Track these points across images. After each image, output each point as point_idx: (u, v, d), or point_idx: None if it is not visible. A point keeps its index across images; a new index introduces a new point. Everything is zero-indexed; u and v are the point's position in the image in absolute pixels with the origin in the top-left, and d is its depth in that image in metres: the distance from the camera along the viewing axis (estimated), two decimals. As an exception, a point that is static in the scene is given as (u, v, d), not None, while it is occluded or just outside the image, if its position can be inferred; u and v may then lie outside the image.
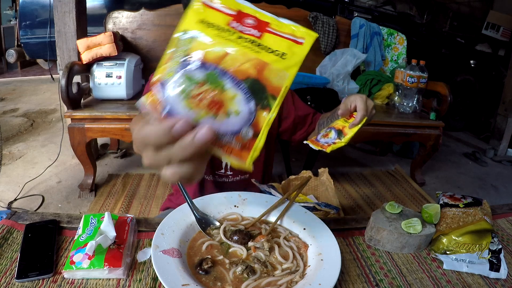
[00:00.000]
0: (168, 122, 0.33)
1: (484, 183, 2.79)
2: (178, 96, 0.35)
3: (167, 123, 0.33)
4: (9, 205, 1.92)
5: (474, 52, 4.12)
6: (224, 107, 0.35)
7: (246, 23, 0.39)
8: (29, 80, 4.70)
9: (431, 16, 4.12)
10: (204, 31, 0.37)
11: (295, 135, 1.12)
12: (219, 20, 0.38)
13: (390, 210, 0.79)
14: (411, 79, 2.35)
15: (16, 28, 4.27)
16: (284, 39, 0.38)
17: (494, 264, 0.71)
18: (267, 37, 0.38)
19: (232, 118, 0.35)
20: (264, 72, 0.36)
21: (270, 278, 0.60)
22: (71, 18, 2.01)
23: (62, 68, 1.99)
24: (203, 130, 0.33)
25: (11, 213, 0.75)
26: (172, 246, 0.62)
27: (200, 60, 0.36)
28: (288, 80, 0.37)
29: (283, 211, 0.77)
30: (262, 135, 0.36)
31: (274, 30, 0.39)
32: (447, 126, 2.85)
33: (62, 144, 2.36)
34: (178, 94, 0.35)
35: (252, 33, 0.38)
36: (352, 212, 2.13)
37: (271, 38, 0.38)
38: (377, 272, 0.68)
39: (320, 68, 2.58)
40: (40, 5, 3.64)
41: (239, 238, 0.67)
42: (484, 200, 0.82)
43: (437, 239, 0.75)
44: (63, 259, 0.64)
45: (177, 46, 0.37)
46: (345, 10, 3.46)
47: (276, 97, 0.36)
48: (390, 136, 2.31)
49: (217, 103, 0.35)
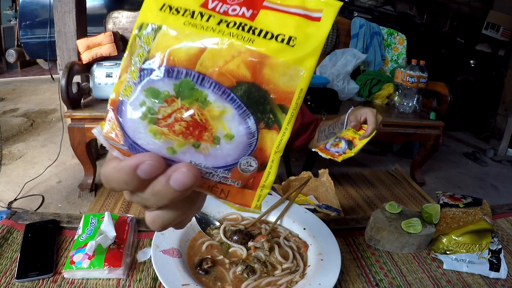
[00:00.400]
0: (130, 162, 0.24)
1: (484, 183, 2.79)
2: (140, 121, 0.25)
3: (128, 163, 0.24)
4: (9, 205, 1.92)
5: (474, 52, 4.12)
6: (208, 131, 0.25)
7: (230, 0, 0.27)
8: (29, 80, 4.70)
9: (431, 16, 4.12)
10: (167, 21, 0.26)
11: (296, 141, 1.12)
12: (189, 1, 0.26)
13: (390, 210, 0.80)
14: (411, 79, 2.35)
15: (16, 28, 4.27)
16: (290, 15, 0.26)
17: (494, 264, 0.71)
18: (263, 15, 0.26)
19: (223, 145, 0.25)
20: (263, 71, 0.24)
21: (270, 278, 0.60)
22: (71, 18, 2.01)
23: (62, 68, 1.99)
24: (179, 172, 0.24)
25: (11, 213, 0.75)
26: (172, 246, 0.63)
27: (165, 65, 0.25)
28: (304, 79, 0.25)
29: (283, 211, 0.77)
30: (273, 165, 0.26)
31: (274, 4, 0.26)
32: (447, 126, 2.85)
33: (62, 144, 2.36)
34: (139, 119, 0.25)
35: (240, 13, 0.26)
36: (352, 212, 2.13)
37: (270, 17, 0.26)
38: (377, 272, 0.68)
39: (320, 68, 2.58)
40: (40, 5, 3.64)
41: (239, 238, 0.67)
42: (484, 200, 0.82)
43: (437, 239, 0.75)
44: (63, 259, 0.64)
45: (135, 48, 0.26)
46: (345, 10, 3.46)
47: (286, 108, 0.25)
48: (390, 136, 2.31)
49: (198, 126, 0.25)
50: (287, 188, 1.31)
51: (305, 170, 1.72)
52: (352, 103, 2.46)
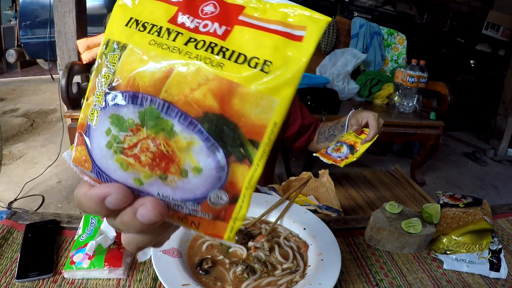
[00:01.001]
0: (98, 192, 0.23)
1: (484, 183, 2.79)
2: (106, 150, 0.24)
3: (97, 192, 0.23)
4: (9, 205, 1.92)
5: (474, 52, 4.11)
6: (175, 163, 0.23)
7: (203, 13, 0.24)
8: (29, 80, 4.70)
9: (431, 16, 4.12)
10: (132, 39, 0.24)
11: (295, 143, 1.12)
12: (157, 14, 0.24)
13: (390, 210, 0.79)
14: (411, 79, 2.35)
15: (16, 28, 4.28)
16: (268, 34, 0.22)
17: (494, 264, 0.71)
18: (237, 33, 0.23)
19: (191, 179, 0.23)
20: (232, 101, 0.22)
21: (270, 278, 0.60)
22: (71, 18, 2.01)
23: (62, 68, 1.99)
24: (144, 208, 0.23)
25: (11, 213, 0.75)
26: (172, 246, 0.63)
27: (129, 90, 0.23)
28: (278, 111, 0.22)
29: (283, 211, 0.77)
30: (245, 199, 0.23)
31: (251, 18, 0.23)
32: (447, 126, 2.85)
33: (62, 144, 2.36)
34: (105, 147, 0.24)
35: (211, 30, 0.23)
36: (353, 212, 2.13)
37: (245, 35, 0.23)
38: (377, 272, 0.68)
39: (320, 68, 2.58)
40: (40, 5, 3.64)
41: (239, 238, 0.67)
42: (484, 200, 0.82)
43: (437, 239, 0.75)
44: (63, 259, 0.64)
45: (101, 67, 0.25)
46: (345, 10, 3.46)
47: (258, 143, 0.22)
48: (390, 136, 2.31)
49: (164, 158, 0.23)
50: (287, 188, 1.30)
51: (305, 170, 1.72)
52: (352, 103, 2.46)
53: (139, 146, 0.23)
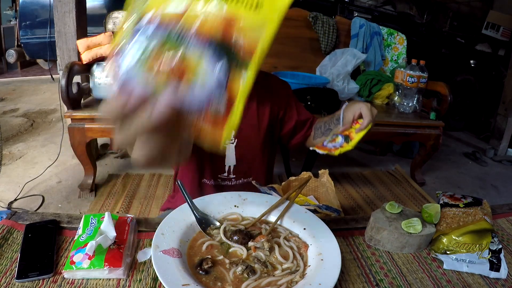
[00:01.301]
0: (122, 98, 0.31)
1: (484, 183, 2.79)
2: (134, 66, 0.31)
3: (121, 99, 0.31)
4: (9, 205, 1.92)
5: (474, 52, 4.12)
6: (187, 75, 0.31)
7: None
8: (29, 80, 4.70)
9: (431, 16, 4.12)
10: None
11: (292, 139, 1.12)
12: None
13: (390, 210, 0.79)
14: (411, 79, 2.35)
15: (16, 28, 4.27)
16: None
17: (494, 264, 0.71)
18: None
19: (198, 87, 0.31)
20: (232, 31, 0.31)
21: (270, 278, 0.60)
22: (71, 18, 2.01)
23: (62, 68, 1.99)
24: (159, 106, 0.30)
25: (11, 213, 0.75)
26: (172, 246, 0.63)
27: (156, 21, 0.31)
28: (264, 39, 0.31)
29: (283, 211, 0.77)
30: (238, 107, 0.32)
31: None
32: (447, 126, 2.85)
33: (62, 144, 2.35)
34: (133, 64, 0.31)
35: None
36: (353, 212, 2.13)
37: None
38: (377, 272, 0.68)
39: (320, 68, 2.58)
40: (40, 5, 3.64)
41: (239, 238, 0.67)
42: (484, 200, 0.82)
43: (437, 239, 0.75)
44: (63, 259, 0.64)
45: (132, 8, 0.33)
46: (345, 10, 3.46)
47: (249, 61, 0.32)
48: (390, 136, 2.31)
49: (179, 71, 0.31)
50: (287, 188, 1.30)
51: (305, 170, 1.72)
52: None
53: (160, 62, 0.31)
